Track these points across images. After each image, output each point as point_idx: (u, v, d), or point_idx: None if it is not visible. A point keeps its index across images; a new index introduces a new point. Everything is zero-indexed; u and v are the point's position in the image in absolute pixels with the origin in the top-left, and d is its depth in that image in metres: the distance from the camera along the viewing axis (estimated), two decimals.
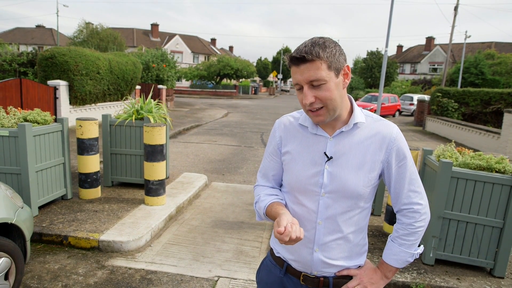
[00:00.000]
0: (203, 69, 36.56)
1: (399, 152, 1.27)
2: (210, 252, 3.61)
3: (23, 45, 42.75)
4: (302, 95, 1.19)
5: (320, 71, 1.14)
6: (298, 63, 1.16)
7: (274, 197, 1.36)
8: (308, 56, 1.13)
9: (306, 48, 1.14)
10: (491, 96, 14.18)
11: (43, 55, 10.17)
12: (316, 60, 1.13)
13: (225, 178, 6.53)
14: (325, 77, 1.15)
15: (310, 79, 1.15)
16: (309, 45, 1.15)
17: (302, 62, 1.15)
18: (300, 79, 1.17)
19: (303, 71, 1.15)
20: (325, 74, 1.15)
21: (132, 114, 5.03)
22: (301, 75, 1.16)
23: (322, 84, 1.16)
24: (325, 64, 1.14)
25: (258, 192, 1.43)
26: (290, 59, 1.18)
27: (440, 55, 45.07)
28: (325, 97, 1.17)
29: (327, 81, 1.15)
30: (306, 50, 1.14)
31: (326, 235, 1.28)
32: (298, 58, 1.15)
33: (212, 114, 17.65)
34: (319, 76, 1.14)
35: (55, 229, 3.66)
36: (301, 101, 1.21)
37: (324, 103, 1.18)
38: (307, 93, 1.17)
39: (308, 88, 1.17)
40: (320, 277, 1.31)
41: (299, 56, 1.14)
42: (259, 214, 1.38)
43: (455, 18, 25.84)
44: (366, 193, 1.27)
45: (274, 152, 1.40)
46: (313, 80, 1.15)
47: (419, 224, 1.29)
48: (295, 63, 1.17)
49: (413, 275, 3.18)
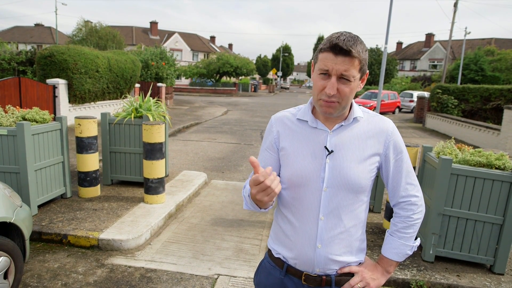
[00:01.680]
0: (202, 67, 36.47)
1: (396, 146, 1.30)
2: (210, 250, 3.61)
3: (22, 43, 42.64)
4: (325, 82, 1.18)
5: (354, 69, 1.15)
6: (338, 54, 1.13)
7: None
8: (354, 52, 1.13)
9: (350, 43, 1.13)
10: (491, 93, 14.16)
11: (42, 54, 10.14)
12: (356, 57, 1.14)
13: (225, 176, 6.53)
14: (355, 76, 1.17)
15: (343, 72, 1.14)
16: (352, 40, 1.14)
17: (343, 54, 1.13)
18: (334, 68, 1.15)
19: (340, 62, 1.14)
20: (356, 73, 1.17)
21: (131, 112, 5.02)
22: (335, 64, 1.14)
23: (348, 81, 1.17)
24: (359, 65, 1.16)
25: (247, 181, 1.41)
26: (333, 47, 1.14)
27: (440, 52, 45.00)
28: (346, 93, 1.18)
29: (355, 79, 1.17)
30: (352, 45, 1.13)
31: (329, 230, 1.27)
32: (342, 50, 1.12)
33: (212, 112, 17.63)
34: (351, 73, 1.15)
35: (55, 228, 3.66)
36: (321, 88, 1.19)
37: (341, 98, 1.19)
38: (334, 83, 1.16)
39: (336, 80, 1.16)
40: (323, 276, 1.30)
41: (346, 48, 1.12)
42: (246, 200, 1.34)
43: (454, 14, 25.77)
44: (367, 185, 1.28)
45: (271, 147, 1.39)
46: (345, 75, 1.15)
47: (417, 216, 1.32)
48: (335, 52, 1.14)
49: (413, 272, 3.17)
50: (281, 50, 57.19)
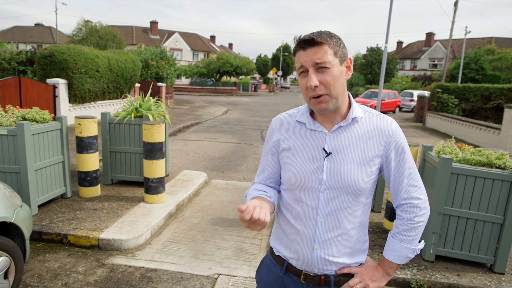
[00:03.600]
0: (202, 66, 36.46)
1: (397, 146, 1.27)
2: (210, 249, 3.61)
3: (22, 43, 42.64)
4: (305, 79, 1.19)
5: (327, 54, 1.15)
6: (306, 47, 1.16)
7: (261, 193, 1.35)
8: (317, 38, 1.15)
9: (314, 33, 1.17)
10: (491, 92, 14.14)
11: (42, 54, 10.14)
12: (324, 43, 1.15)
13: (225, 176, 6.52)
14: (331, 61, 1.16)
15: (316, 61, 1.15)
16: (317, 32, 1.18)
17: (309, 45, 1.16)
18: (306, 61, 1.17)
19: (310, 53, 1.16)
20: (331, 58, 1.16)
21: (131, 112, 5.02)
22: (307, 57, 1.16)
23: (327, 69, 1.16)
24: (331, 49, 1.16)
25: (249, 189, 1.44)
26: (298, 43, 1.18)
27: (440, 51, 44.95)
28: (329, 82, 1.16)
29: (332, 65, 1.16)
30: (315, 35, 1.16)
31: (327, 232, 1.27)
32: (306, 41, 1.16)
33: (212, 112, 17.63)
34: (325, 59, 1.15)
35: (55, 228, 3.66)
36: (304, 85, 1.20)
37: (327, 89, 1.17)
38: (312, 76, 1.16)
39: (313, 71, 1.17)
40: (321, 276, 1.30)
41: (308, 38, 1.15)
42: None
43: (455, 13, 25.73)
44: (366, 188, 1.26)
45: (271, 151, 1.40)
46: (319, 63, 1.15)
47: (419, 219, 1.29)
48: (302, 46, 1.17)
49: (414, 271, 3.17)
50: (281, 50, 57.11)
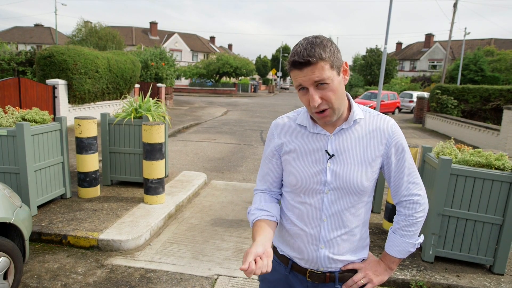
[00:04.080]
0: (202, 67, 36.49)
1: (398, 145, 1.30)
2: (210, 250, 3.61)
3: (22, 44, 42.65)
4: (306, 96, 1.18)
5: (324, 71, 1.13)
6: (301, 67, 1.13)
7: (263, 213, 1.33)
8: (312, 59, 1.11)
9: (307, 51, 1.12)
10: (491, 93, 14.17)
11: (41, 54, 10.13)
12: (319, 61, 1.12)
13: (225, 176, 6.52)
14: (330, 77, 1.14)
15: (315, 80, 1.13)
16: (309, 48, 1.12)
17: (305, 66, 1.13)
18: (305, 80, 1.15)
19: (307, 73, 1.13)
20: (329, 73, 1.14)
21: (131, 112, 5.02)
22: (305, 77, 1.14)
23: (327, 84, 1.15)
24: (328, 64, 1.13)
25: (253, 202, 1.43)
26: (293, 64, 1.15)
27: (440, 52, 45.03)
28: (330, 97, 1.16)
29: (331, 80, 1.15)
30: (308, 53, 1.11)
31: (332, 232, 1.30)
32: (302, 63, 1.12)
33: (212, 112, 17.63)
34: (324, 77, 1.13)
35: (54, 228, 3.66)
36: (307, 102, 1.19)
37: (329, 103, 1.17)
38: (314, 95, 1.15)
39: (314, 90, 1.15)
40: (326, 273, 1.33)
41: (303, 60, 1.12)
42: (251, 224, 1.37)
43: (454, 14, 25.79)
44: (369, 187, 1.29)
45: (272, 154, 1.40)
46: (319, 81, 1.14)
47: (419, 215, 1.33)
48: (298, 67, 1.14)
49: (413, 272, 3.18)
50: (280, 51, 57.20)
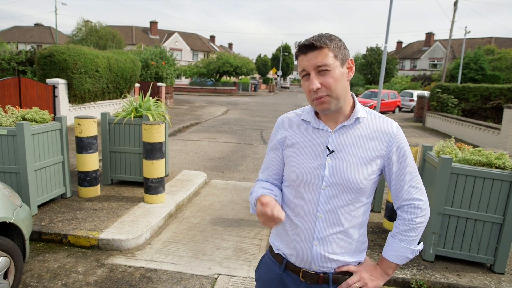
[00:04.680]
0: (202, 66, 36.44)
1: (399, 148, 1.30)
2: (210, 249, 3.61)
3: (22, 43, 42.63)
4: (308, 82, 1.23)
5: (327, 58, 1.19)
6: (306, 51, 1.21)
7: (267, 191, 1.37)
8: (317, 43, 1.18)
9: (314, 38, 1.21)
10: (491, 92, 14.15)
11: (41, 54, 10.13)
12: (324, 47, 1.19)
13: (225, 176, 6.52)
14: (331, 64, 1.19)
15: (317, 64, 1.19)
16: (317, 36, 1.22)
17: (310, 50, 1.20)
18: (308, 65, 1.21)
19: (311, 58, 1.20)
20: (332, 61, 1.19)
21: (131, 112, 5.02)
22: (308, 61, 1.21)
23: (328, 71, 1.19)
24: (331, 52, 1.20)
25: (255, 186, 1.46)
26: (299, 48, 1.22)
27: (440, 51, 44.97)
28: (330, 84, 1.20)
29: (333, 68, 1.20)
30: (315, 39, 1.20)
31: (326, 229, 1.29)
32: (307, 46, 1.20)
33: (212, 112, 17.62)
34: (326, 62, 1.19)
35: (55, 228, 3.66)
36: (307, 88, 1.24)
37: (329, 90, 1.21)
38: (314, 79, 1.20)
39: (315, 75, 1.20)
40: (320, 273, 1.32)
41: (308, 43, 1.19)
42: (252, 206, 1.40)
43: (454, 13, 25.74)
44: (367, 187, 1.28)
45: (275, 147, 1.44)
46: (320, 66, 1.19)
47: (420, 220, 1.31)
48: (303, 51, 1.21)
49: (413, 271, 3.17)
50: (281, 50, 57.12)
